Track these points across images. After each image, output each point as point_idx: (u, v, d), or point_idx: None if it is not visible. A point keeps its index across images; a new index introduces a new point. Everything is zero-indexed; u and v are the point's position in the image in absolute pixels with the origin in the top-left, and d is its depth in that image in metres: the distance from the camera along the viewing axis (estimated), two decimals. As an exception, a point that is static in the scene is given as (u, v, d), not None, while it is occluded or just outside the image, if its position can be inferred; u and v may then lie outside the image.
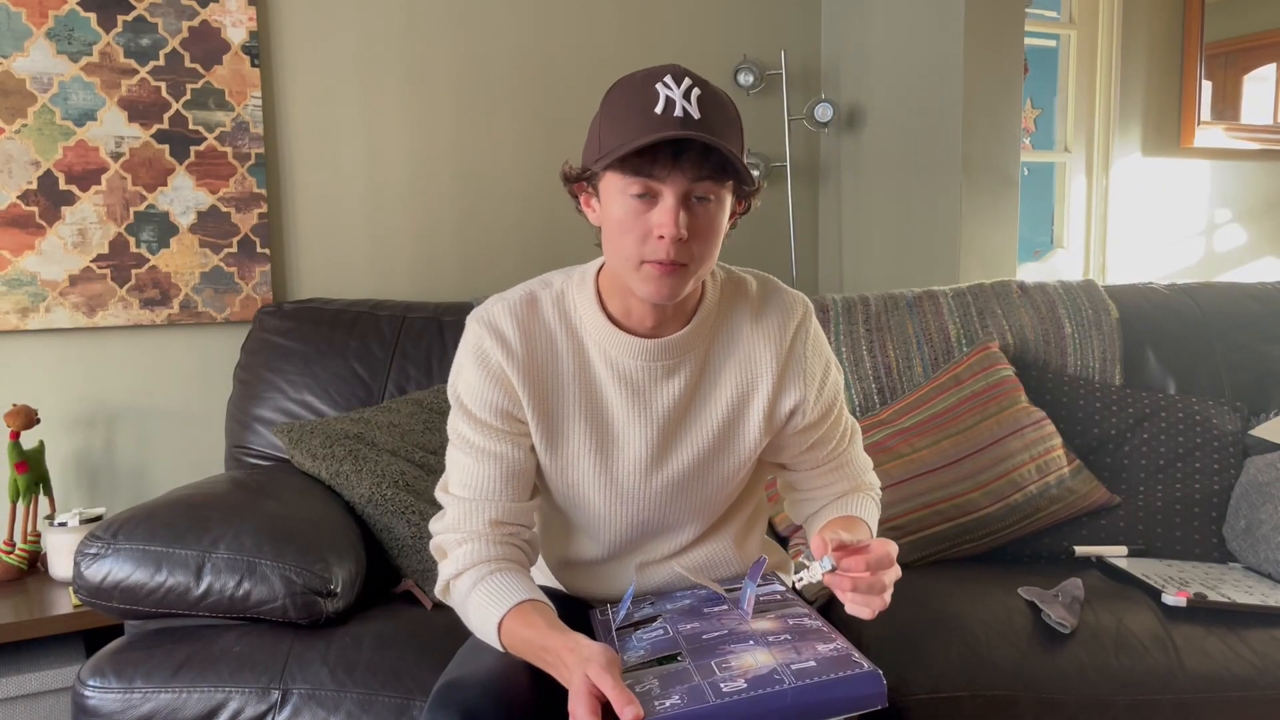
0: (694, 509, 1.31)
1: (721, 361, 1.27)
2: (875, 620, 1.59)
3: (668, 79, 1.10)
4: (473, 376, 1.22)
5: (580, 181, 1.19)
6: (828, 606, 1.74)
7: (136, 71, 2.14)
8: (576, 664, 1.04)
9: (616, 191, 1.12)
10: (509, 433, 1.23)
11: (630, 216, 1.12)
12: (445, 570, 1.24)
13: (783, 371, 1.28)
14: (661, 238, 1.11)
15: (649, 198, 1.11)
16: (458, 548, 1.22)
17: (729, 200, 1.17)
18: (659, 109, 1.08)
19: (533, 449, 1.25)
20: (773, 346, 1.28)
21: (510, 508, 1.23)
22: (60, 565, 1.94)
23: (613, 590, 1.36)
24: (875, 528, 1.34)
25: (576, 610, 1.34)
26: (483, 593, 1.18)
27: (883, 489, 1.83)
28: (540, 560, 1.42)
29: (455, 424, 1.25)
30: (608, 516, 1.29)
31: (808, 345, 1.30)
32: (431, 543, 1.27)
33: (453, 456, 1.26)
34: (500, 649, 1.17)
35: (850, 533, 1.19)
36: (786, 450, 1.35)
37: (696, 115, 1.08)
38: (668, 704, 0.98)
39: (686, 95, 1.09)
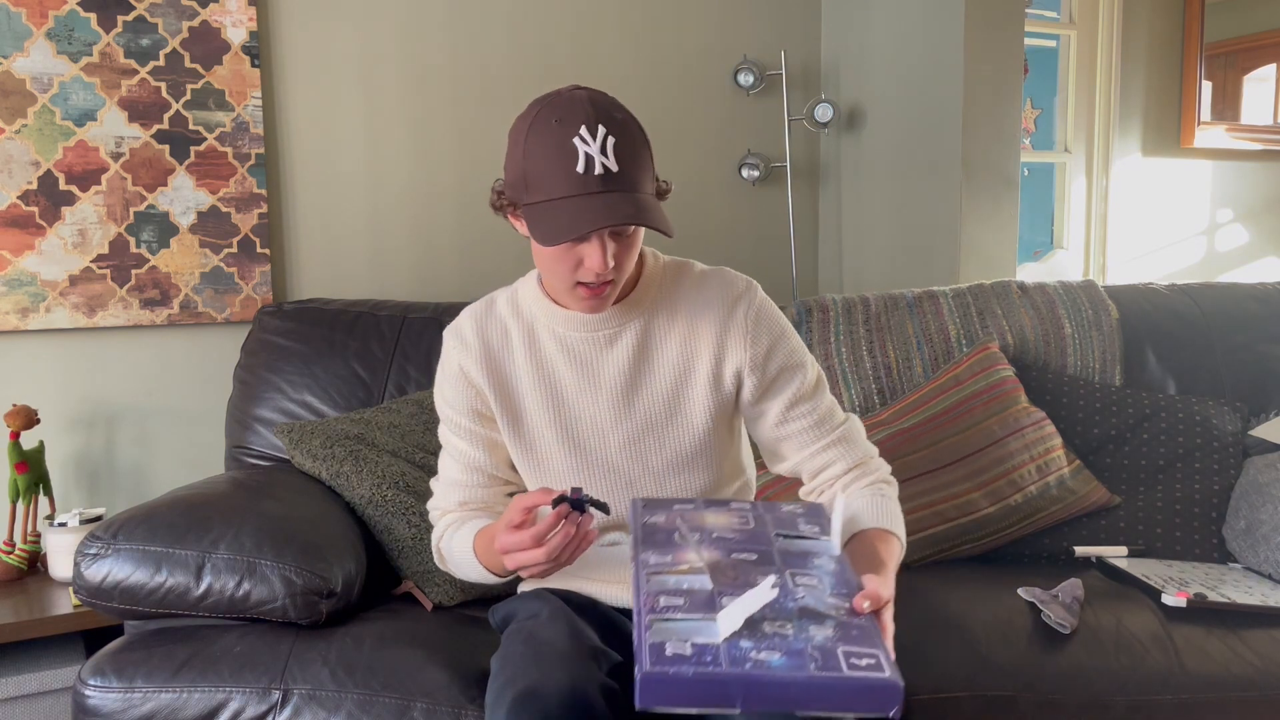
0: (655, 481, 1.37)
1: (663, 330, 1.36)
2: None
3: (584, 132, 1.16)
4: (444, 383, 1.41)
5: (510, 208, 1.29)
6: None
7: (136, 72, 2.14)
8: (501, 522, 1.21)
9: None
10: (473, 431, 1.39)
11: (560, 252, 1.22)
12: (433, 538, 1.44)
13: (723, 336, 1.35)
14: (590, 269, 1.22)
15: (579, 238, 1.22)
16: (439, 520, 1.43)
17: None
18: (580, 167, 1.17)
19: (498, 447, 1.40)
20: (714, 315, 1.35)
21: (474, 492, 1.41)
22: (60, 565, 1.95)
23: (604, 575, 1.39)
24: (900, 527, 1.32)
25: (576, 605, 1.35)
26: (457, 535, 1.37)
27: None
28: None
29: (440, 428, 1.44)
30: (577, 480, 1.38)
31: (749, 315, 1.35)
32: (430, 518, 1.48)
33: (440, 453, 1.46)
34: (488, 575, 1.33)
35: (885, 548, 1.25)
36: (764, 424, 1.37)
37: (614, 167, 1.17)
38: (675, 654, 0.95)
39: (604, 148, 1.17)
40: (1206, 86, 3.45)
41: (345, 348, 2.02)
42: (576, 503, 1.15)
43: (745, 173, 2.75)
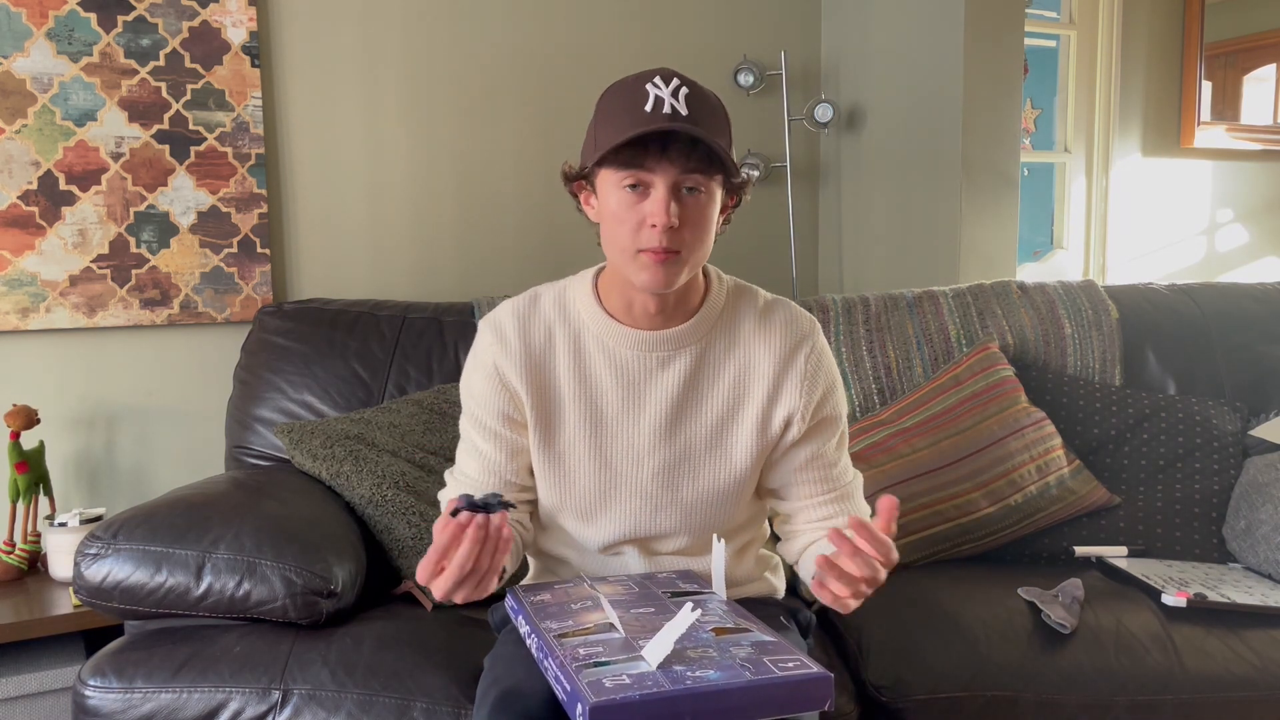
0: (682, 510, 1.32)
1: (719, 360, 1.30)
2: (875, 621, 1.61)
3: (657, 79, 1.17)
4: (475, 378, 1.33)
5: (579, 179, 1.26)
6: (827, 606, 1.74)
7: (137, 72, 2.14)
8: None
9: (612, 185, 1.19)
10: (499, 434, 1.32)
11: (625, 208, 1.18)
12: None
13: (779, 379, 1.30)
14: (654, 226, 1.17)
15: (641, 189, 1.18)
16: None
17: (719, 193, 1.24)
18: (648, 107, 1.16)
19: (519, 453, 1.32)
20: (773, 354, 1.31)
21: None
22: (60, 565, 1.95)
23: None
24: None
25: None
26: None
27: (883, 490, 1.84)
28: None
29: (462, 420, 1.37)
30: (600, 504, 1.32)
31: (810, 360, 1.32)
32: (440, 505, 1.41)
33: (459, 444, 1.39)
34: None
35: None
36: (784, 466, 1.34)
37: (684, 111, 1.15)
38: (611, 684, 0.99)
39: (675, 94, 1.16)
40: (1206, 86, 3.45)
41: (345, 348, 2.02)
42: (482, 506, 1.06)
43: (745, 172, 2.74)
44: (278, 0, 2.28)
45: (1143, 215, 3.42)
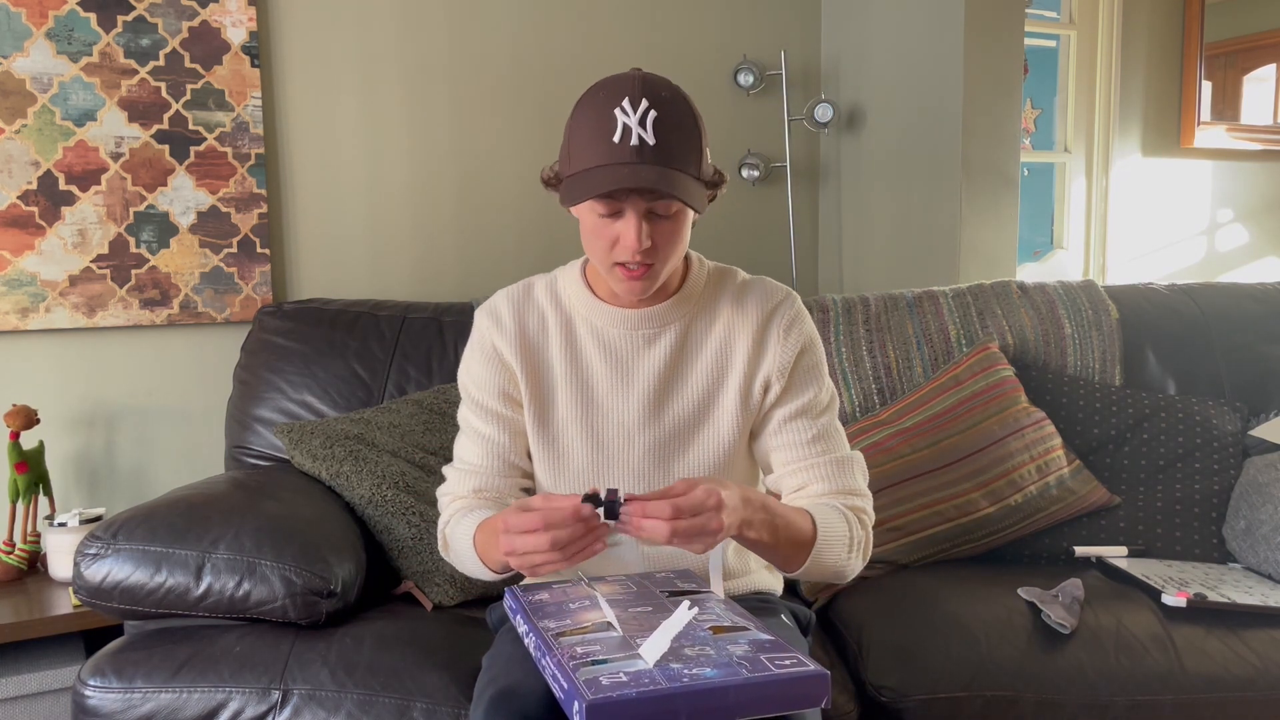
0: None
1: (701, 336, 1.35)
2: (875, 621, 1.61)
3: (625, 103, 1.17)
4: (473, 362, 1.38)
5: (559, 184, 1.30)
6: (828, 606, 1.74)
7: (136, 72, 2.14)
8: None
9: (585, 208, 1.23)
10: (500, 414, 1.36)
11: (599, 227, 1.23)
12: (439, 523, 1.39)
13: (758, 345, 1.34)
14: (628, 247, 1.21)
15: (615, 212, 1.21)
16: (448, 506, 1.38)
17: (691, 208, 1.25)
18: (616, 137, 1.17)
19: (521, 434, 1.37)
20: (750, 324, 1.35)
21: (491, 480, 1.36)
22: (60, 565, 1.95)
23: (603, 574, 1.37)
24: (829, 533, 1.25)
25: None
26: (462, 523, 1.32)
27: (883, 490, 1.84)
28: None
29: (461, 410, 1.41)
30: (594, 484, 1.35)
31: (783, 323, 1.35)
32: (438, 505, 1.43)
33: (457, 438, 1.42)
34: (484, 569, 1.28)
35: (783, 505, 1.24)
36: (766, 429, 1.35)
37: (651, 141, 1.17)
38: (608, 681, 0.99)
39: (643, 121, 1.17)
40: (1206, 86, 3.45)
41: (345, 348, 2.02)
42: (609, 508, 1.10)
43: (745, 173, 2.75)
44: (278, 0, 2.28)
45: (1143, 215, 3.42)
